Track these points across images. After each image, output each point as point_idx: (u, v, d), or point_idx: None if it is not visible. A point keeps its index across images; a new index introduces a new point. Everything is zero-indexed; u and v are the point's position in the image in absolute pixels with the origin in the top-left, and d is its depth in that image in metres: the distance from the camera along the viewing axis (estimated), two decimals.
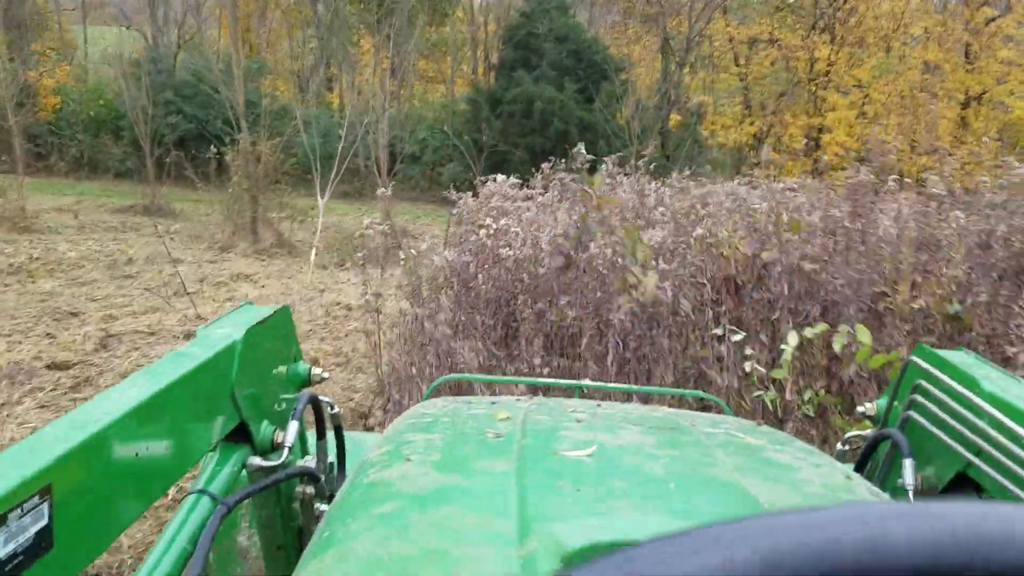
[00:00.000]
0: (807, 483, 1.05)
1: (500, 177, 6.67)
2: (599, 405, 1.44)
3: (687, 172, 6.97)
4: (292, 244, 10.89)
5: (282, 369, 1.47)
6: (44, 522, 0.79)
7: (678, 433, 1.22)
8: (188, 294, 6.89)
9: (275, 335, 1.43)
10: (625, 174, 6.75)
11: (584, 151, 6.38)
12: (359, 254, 5.47)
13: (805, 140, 23.86)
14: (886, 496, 1.21)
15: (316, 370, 1.56)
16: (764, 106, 25.07)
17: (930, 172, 5.87)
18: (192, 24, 25.23)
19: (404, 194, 22.98)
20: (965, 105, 22.09)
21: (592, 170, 9.18)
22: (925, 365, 1.42)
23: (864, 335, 3.00)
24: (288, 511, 1.45)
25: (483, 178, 7.19)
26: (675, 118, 23.00)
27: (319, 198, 8.91)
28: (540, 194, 6.53)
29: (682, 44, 23.00)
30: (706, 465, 1.06)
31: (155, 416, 1.02)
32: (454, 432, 1.24)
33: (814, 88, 22.97)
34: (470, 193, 6.42)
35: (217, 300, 7.33)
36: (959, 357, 1.42)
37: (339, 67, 22.49)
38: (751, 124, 23.75)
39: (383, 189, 8.77)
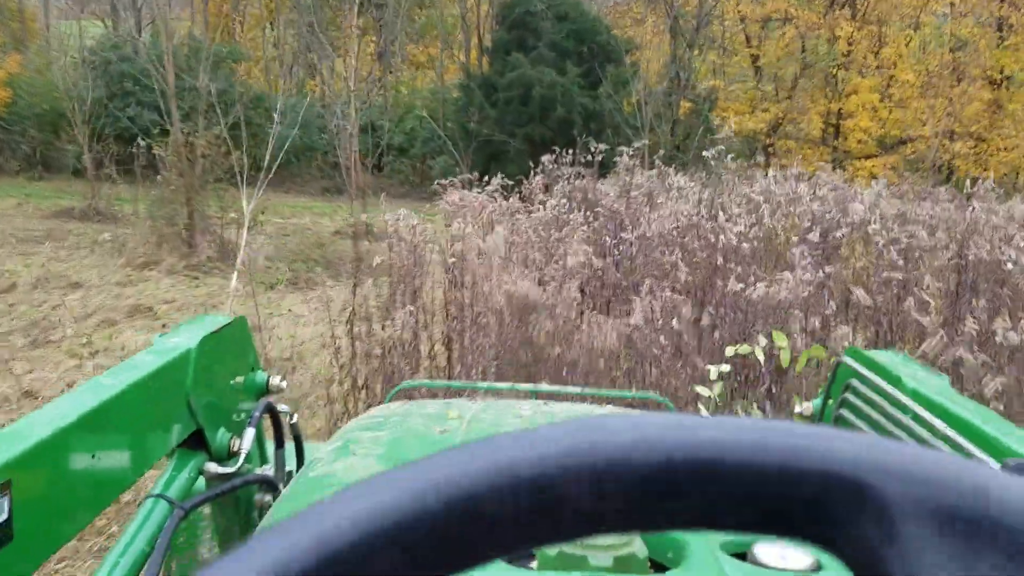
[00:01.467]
0: None
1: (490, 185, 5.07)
2: (545, 404, 1.50)
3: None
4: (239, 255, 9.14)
5: (239, 378, 1.49)
6: (3, 516, 0.82)
7: None
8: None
9: (231, 344, 1.45)
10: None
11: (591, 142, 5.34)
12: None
13: (824, 126, 22.18)
14: None
15: (275, 379, 1.58)
16: (778, 91, 23.35)
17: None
18: (158, 8, 23.39)
19: (392, 189, 21.25)
20: (996, 85, 20.36)
21: (603, 164, 7.52)
22: (855, 365, 1.47)
23: (781, 340, 3.07)
24: (247, 519, 1.48)
25: (468, 176, 5.92)
26: (685, 104, 21.25)
27: (244, 201, 7.21)
28: (539, 203, 4.98)
29: (691, 24, 21.21)
30: None
31: (110, 421, 1.04)
32: (402, 430, 1.31)
33: (834, 70, 21.22)
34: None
35: (75, 356, 5.51)
36: (886, 357, 1.48)
37: (319, 51, 20.75)
38: (765, 111, 22.02)
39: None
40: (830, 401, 1.57)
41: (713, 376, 3.15)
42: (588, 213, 5.02)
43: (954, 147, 19.11)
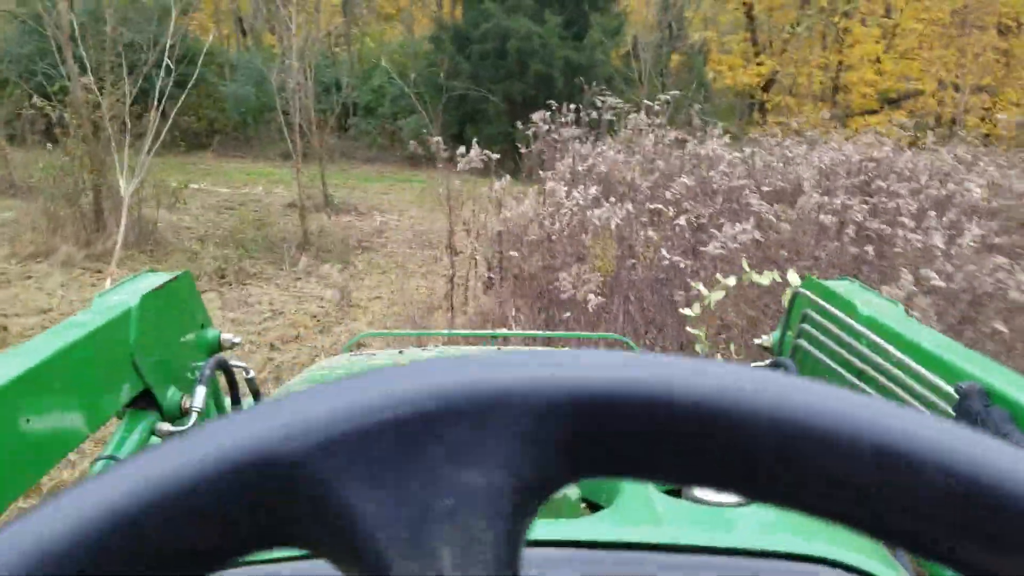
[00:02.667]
0: None
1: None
2: (498, 350, 1.28)
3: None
4: (164, 240, 7.52)
5: (190, 336, 1.47)
6: None
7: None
8: None
9: (176, 301, 1.41)
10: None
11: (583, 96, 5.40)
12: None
13: (823, 80, 20.75)
14: None
15: (227, 336, 1.55)
16: (772, 42, 21.82)
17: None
18: None
19: (359, 152, 19.62)
20: (1006, 33, 18.98)
21: (596, 123, 6.30)
22: (811, 295, 1.47)
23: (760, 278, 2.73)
24: None
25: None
26: (676, 57, 19.66)
27: (119, 173, 5.62)
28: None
29: None
30: None
31: (44, 385, 0.99)
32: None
33: (836, 19, 19.71)
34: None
35: None
36: (842, 286, 1.47)
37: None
38: (760, 64, 20.51)
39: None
40: (789, 332, 1.57)
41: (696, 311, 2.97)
42: (623, 205, 3.66)
43: (968, 101, 17.70)
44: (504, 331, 2.63)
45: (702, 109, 20.24)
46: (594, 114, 5.64)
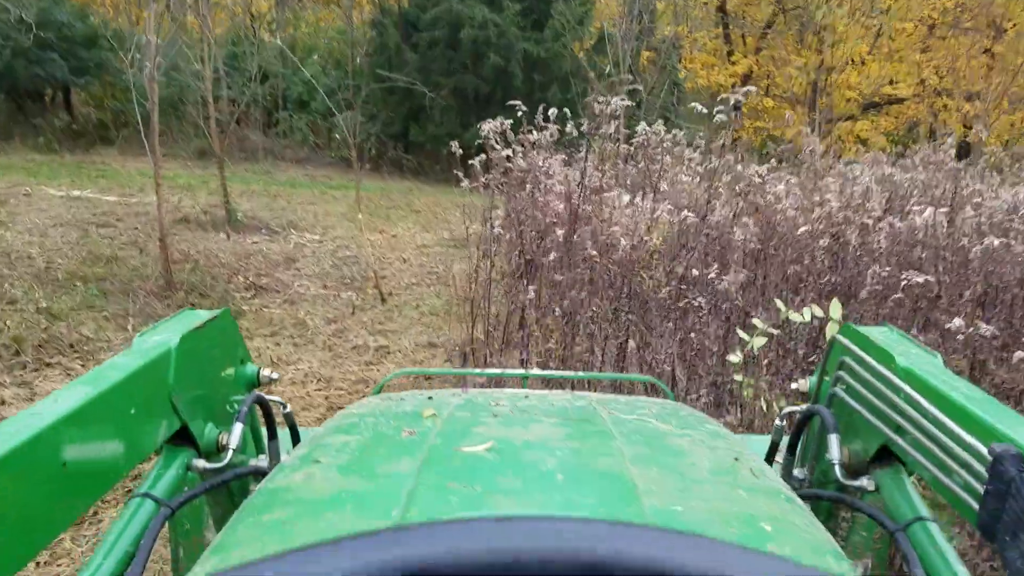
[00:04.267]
0: (693, 467, 1.08)
1: None
2: (526, 396, 1.43)
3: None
4: None
5: (229, 371, 1.51)
6: None
7: (587, 423, 1.24)
8: None
9: (216, 339, 1.45)
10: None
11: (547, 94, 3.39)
12: None
13: (804, 83, 19.18)
14: (769, 474, 1.13)
15: (265, 371, 1.60)
16: (745, 39, 20.19)
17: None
18: None
19: (288, 152, 17.39)
20: (996, 36, 17.60)
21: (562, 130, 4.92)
22: (848, 343, 1.46)
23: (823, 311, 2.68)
24: None
25: None
26: (646, 54, 17.84)
27: None
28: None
29: None
30: (602, 455, 1.08)
31: (87, 424, 1.04)
32: (372, 432, 1.24)
33: (819, 16, 18.11)
34: None
35: None
36: (880, 334, 1.48)
37: None
38: (735, 63, 18.83)
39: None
40: (826, 379, 1.56)
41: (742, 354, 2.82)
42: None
43: (964, 107, 16.22)
44: (536, 371, 2.40)
45: (675, 112, 18.21)
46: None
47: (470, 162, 4.69)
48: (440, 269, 7.79)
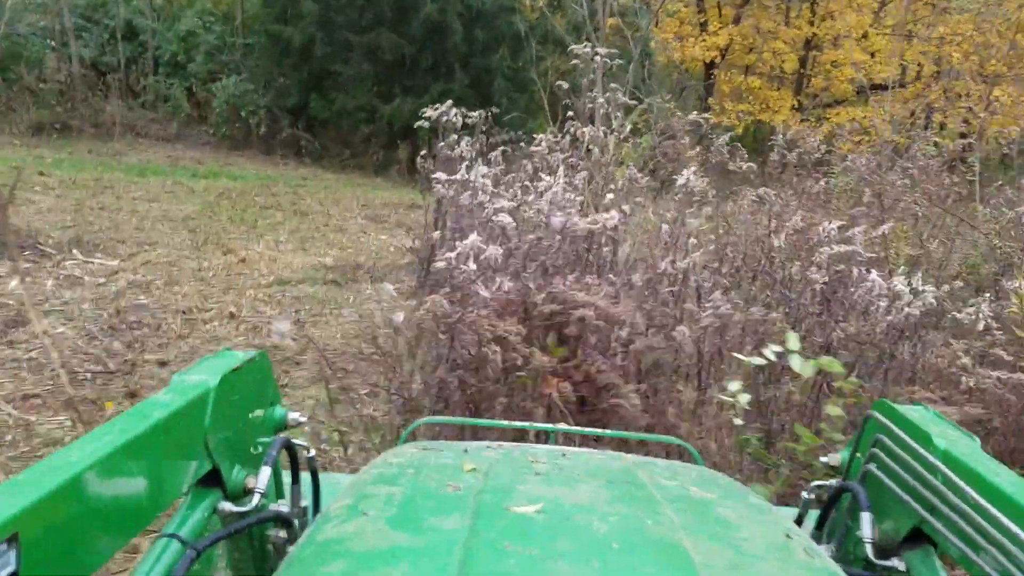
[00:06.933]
0: (746, 542, 1.09)
1: None
2: (564, 454, 1.44)
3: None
4: None
5: (259, 413, 1.48)
6: (11, 568, 0.80)
7: (631, 487, 1.25)
8: None
9: (251, 380, 1.44)
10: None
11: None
12: None
13: (785, 60, 16.35)
14: (821, 554, 1.15)
15: (293, 414, 1.57)
16: (721, 8, 17.22)
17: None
18: None
19: (153, 129, 13.66)
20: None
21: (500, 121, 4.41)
22: (884, 420, 1.45)
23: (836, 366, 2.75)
24: (262, 554, 1.46)
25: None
26: (611, 21, 14.55)
27: None
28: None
29: None
30: (652, 523, 1.09)
31: (126, 464, 1.02)
32: (415, 485, 1.26)
33: None
34: None
35: None
36: (917, 413, 1.46)
37: None
38: (714, 34, 15.83)
39: None
40: (858, 455, 1.53)
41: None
42: None
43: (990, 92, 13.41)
44: (563, 426, 2.30)
45: (646, 88, 14.48)
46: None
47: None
48: (290, 342, 4.52)
